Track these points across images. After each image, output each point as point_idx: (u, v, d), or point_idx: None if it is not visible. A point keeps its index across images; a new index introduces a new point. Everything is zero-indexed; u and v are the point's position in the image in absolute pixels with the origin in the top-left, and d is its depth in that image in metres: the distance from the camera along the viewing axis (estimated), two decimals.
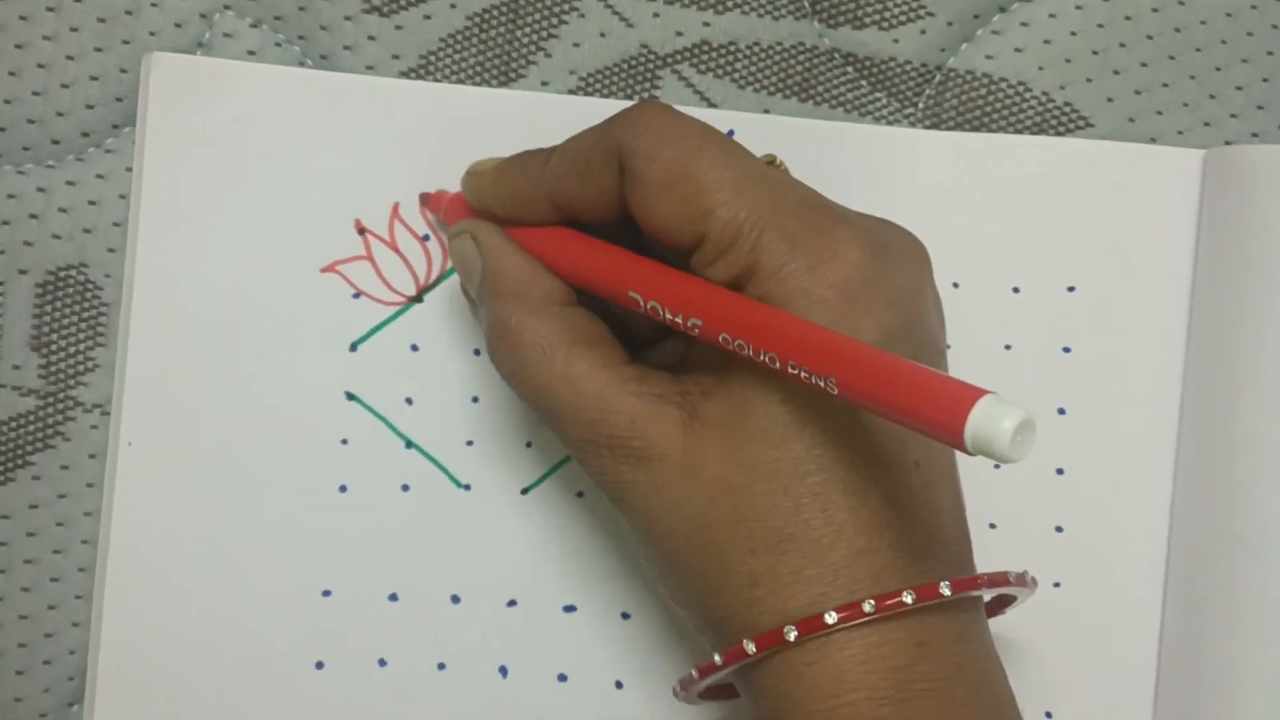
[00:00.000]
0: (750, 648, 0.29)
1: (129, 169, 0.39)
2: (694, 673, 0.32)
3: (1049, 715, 0.40)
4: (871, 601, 0.28)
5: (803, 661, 0.29)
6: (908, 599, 0.29)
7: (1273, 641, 0.37)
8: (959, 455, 0.31)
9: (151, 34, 0.39)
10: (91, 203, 0.39)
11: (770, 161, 0.35)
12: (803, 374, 0.28)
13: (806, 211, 0.31)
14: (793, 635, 0.29)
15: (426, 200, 0.39)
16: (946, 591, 0.29)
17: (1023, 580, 0.31)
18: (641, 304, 0.32)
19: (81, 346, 0.39)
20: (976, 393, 0.25)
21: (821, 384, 0.28)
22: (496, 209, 0.35)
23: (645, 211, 0.32)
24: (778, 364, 0.29)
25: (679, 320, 0.31)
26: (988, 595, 0.31)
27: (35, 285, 0.39)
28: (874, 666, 0.29)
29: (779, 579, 0.30)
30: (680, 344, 0.35)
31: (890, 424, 0.29)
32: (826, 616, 0.29)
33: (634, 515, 0.32)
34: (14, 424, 0.39)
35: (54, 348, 0.39)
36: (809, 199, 0.31)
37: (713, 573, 0.30)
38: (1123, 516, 0.40)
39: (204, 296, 0.38)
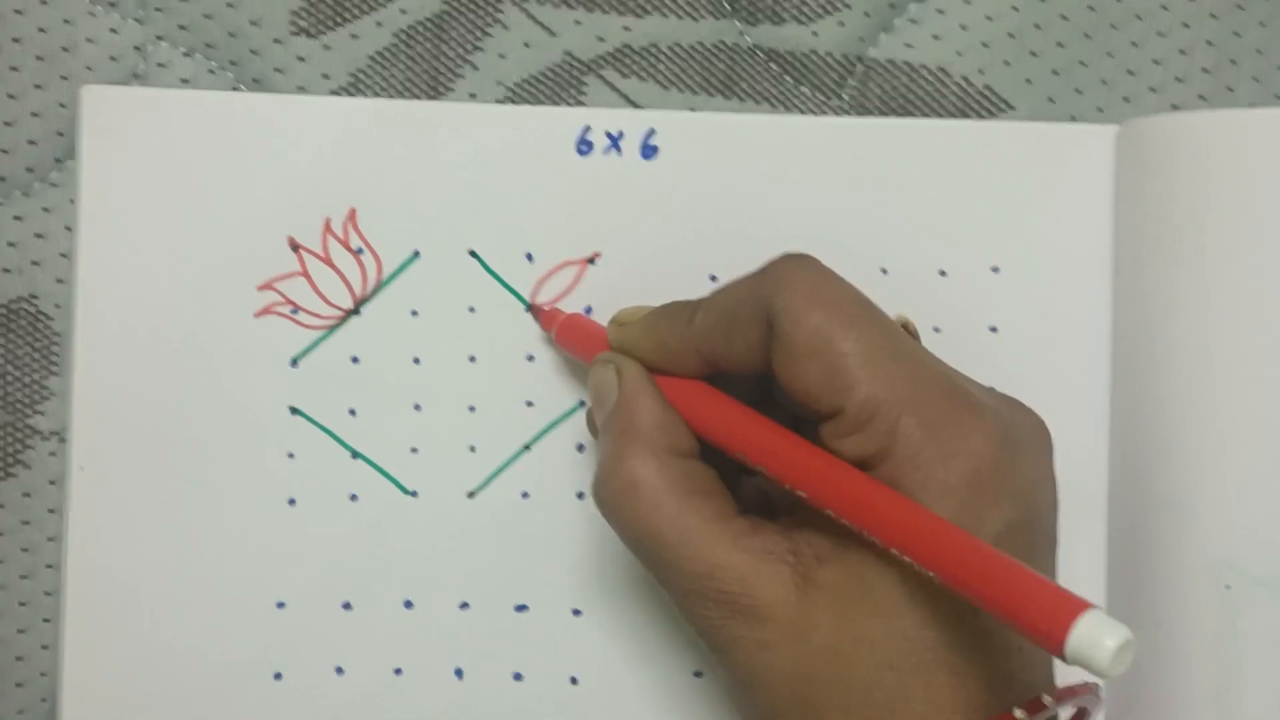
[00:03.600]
0: None
1: (73, 201, 0.40)
2: None
3: None
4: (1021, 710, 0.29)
5: None
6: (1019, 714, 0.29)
7: (1203, 600, 0.37)
8: None
9: (88, 68, 0.40)
10: (39, 236, 0.40)
11: (904, 325, 0.35)
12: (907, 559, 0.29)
13: (944, 396, 0.31)
14: None
15: (538, 314, 0.39)
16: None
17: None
18: (764, 470, 0.32)
19: (36, 376, 0.40)
20: (1080, 605, 0.25)
21: (929, 572, 0.28)
22: (644, 360, 0.35)
23: (787, 374, 0.31)
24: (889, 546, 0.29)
25: (801, 494, 0.31)
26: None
27: None
28: None
29: None
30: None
31: None
32: None
33: (736, 668, 0.32)
34: None
35: (10, 378, 0.40)
36: (946, 381, 0.31)
37: None
38: (1061, 492, 0.40)
39: (146, 321, 0.39)
